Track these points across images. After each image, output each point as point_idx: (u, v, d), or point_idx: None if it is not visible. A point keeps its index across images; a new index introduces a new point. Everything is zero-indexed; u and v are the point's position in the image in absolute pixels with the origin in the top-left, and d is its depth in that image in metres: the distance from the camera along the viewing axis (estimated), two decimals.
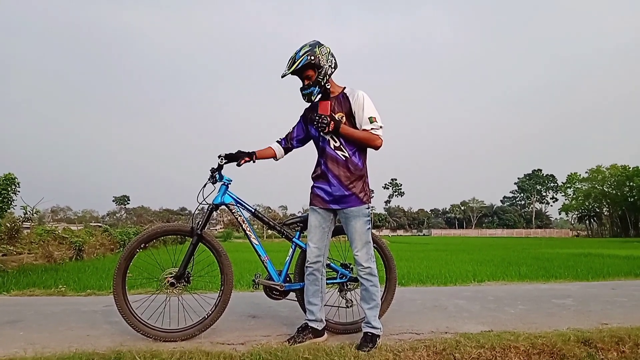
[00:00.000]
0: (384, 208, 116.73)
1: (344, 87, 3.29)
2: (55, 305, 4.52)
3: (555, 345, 3.01)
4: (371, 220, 3.27)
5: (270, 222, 3.58)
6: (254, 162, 3.35)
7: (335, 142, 3.17)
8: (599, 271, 8.33)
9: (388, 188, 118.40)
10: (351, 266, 3.62)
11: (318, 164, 3.28)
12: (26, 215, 9.53)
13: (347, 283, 3.61)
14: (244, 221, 3.44)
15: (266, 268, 3.44)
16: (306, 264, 3.27)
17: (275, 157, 3.44)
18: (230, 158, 3.29)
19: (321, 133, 3.20)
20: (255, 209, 3.52)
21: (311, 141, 3.42)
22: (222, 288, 3.36)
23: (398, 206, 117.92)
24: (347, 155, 3.16)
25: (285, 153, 3.47)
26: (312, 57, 3.07)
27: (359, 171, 3.19)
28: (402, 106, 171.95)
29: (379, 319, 3.19)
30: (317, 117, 3.08)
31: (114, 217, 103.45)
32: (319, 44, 3.15)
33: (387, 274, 3.73)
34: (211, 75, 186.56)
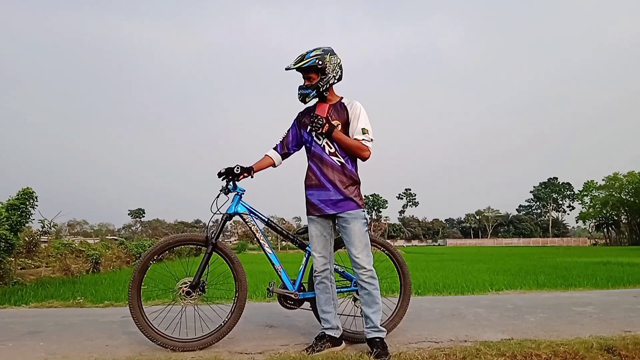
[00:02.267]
0: (398, 218, 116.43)
1: (342, 97, 3.34)
2: (73, 316, 4.56)
3: (577, 352, 2.96)
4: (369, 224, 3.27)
5: (284, 232, 3.58)
6: (252, 177, 3.37)
7: (331, 148, 3.20)
8: (619, 279, 8.19)
9: (402, 198, 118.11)
10: None
11: (311, 170, 3.28)
12: (44, 228, 9.63)
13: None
14: (257, 230, 3.45)
15: (280, 277, 3.44)
16: (314, 274, 3.27)
17: (273, 165, 3.47)
18: (229, 172, 3.31)
19: (315, 137, 3.23)
20: (268, 219, 3.53)
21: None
22: (236, 295, 3.36)
23: (412, 216, 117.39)
24: (342, 161, 3.20)
25: (283, 159, 3.49)
26: (320, 62, 3.13)
27: (354, 177, 3.23)
28: (415, 115, 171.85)
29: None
30: (313, 117, 3.13)
31: (130, 230, 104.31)
32: (332, 52, 3.20)
33: (401, 280, 3.71)
34: (219, 89, 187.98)
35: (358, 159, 3.29)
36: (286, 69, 3.16)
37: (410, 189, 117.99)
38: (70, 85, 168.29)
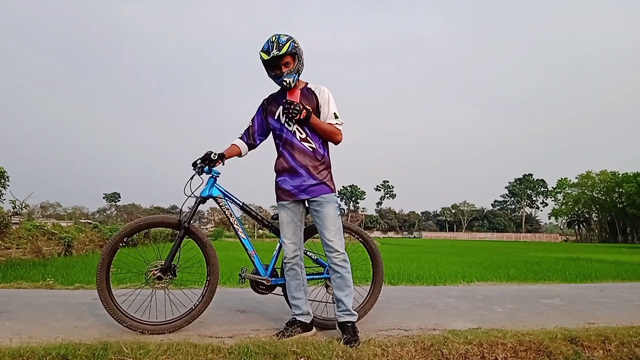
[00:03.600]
0: (375, 210, 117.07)
1: (307, 82, 3.34)
2: (42, 297, 4.49)
3: (542, 342, 3.03)
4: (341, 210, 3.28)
5: (259, 216, 3.58)
6: (223, 164, 3.32)
7: (302, 133, 3.19)
8: (586, 274, 8.38)
9: (380, 190, 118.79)
10: None
11: (282, 156, 3.25)
12: (15, 209, 9.43)
13: None
14: (231, 214, 3.43)
15: (253, 262, 3.43)
16: (284, 260, 3.28)
17: (240, 154, 3.42)
18: (205, 160, 3.25)
19: (285, 123, 3.21)
20: (243, 203, 3.51)
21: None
22: (208, 278, 3.35)
23: (389, 208, 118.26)
24: (314, 146, 3.20)
25: (249, 149, 3.45)
26: (296, 45, 3.12)
27: (326, 162, 3.25)
28: (395, 107, 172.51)
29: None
30: (289, 104, 3.08)
31: (104, 214, 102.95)
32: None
33: (374, 267, 3.74)
34: (208, 71, 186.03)
35: (330, 143, 3.31)
36: (272, 57, 3.07)
37: (388, 181, 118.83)
38: (52, 63, 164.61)
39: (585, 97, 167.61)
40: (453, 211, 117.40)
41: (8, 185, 8.57)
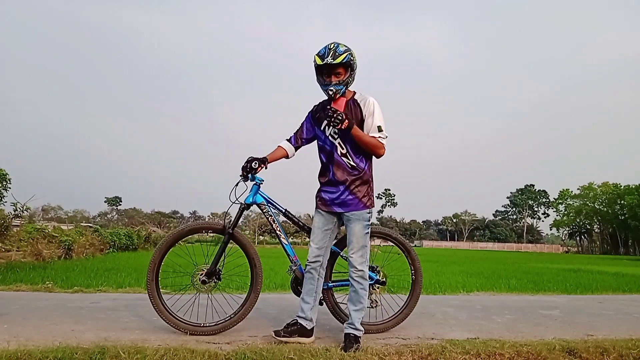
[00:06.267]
0: (377, 218, 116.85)
1: (354, 92, 3.33)
2: (41, 300, 4.50)
3: (540, 353, 3.02)
4: (370, 224, 3.32)
5: (300, 223, 3.61)
6: (265, 168, 3.35)
7: (343, 148, 3.22)
8: (587, 286, 8.33)
9: (381, 198, 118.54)
10: (378, 269, 3.77)
11: (326, 168, 3.31)
12: (16, 212, 9.45)
13: (374, 285, 3.70)
14: (274, 221, 3.49)
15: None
16: (306, 262, 3.32)
17: (287, 156, 3.45)
18: (251, 170, 3.29)
19: (329, 136, 3.25)
20: (285, 209, 3.57)
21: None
22: (251, 286, 3.46)
23: (390, 216, 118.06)
24: (352, 163, 3.22)
25: (296, 150, 3.49)
26: (352, 58, 3.13)
27: (365, 176, 3.27)
28: (398, 117, 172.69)
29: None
30: (332, 112, 3.05)
31: (105, 218, 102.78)
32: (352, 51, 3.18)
33: (413, 276, 3.86)
34: (208, 78, 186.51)
35: (373, 157, 3.33)
36: (325, 64, 3.08)
37: (389, 189, 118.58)
38: (52, 66, 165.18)
39: (588, 109, 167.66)
40: (454, 220, 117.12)
41: (10, 188, 8.61)
